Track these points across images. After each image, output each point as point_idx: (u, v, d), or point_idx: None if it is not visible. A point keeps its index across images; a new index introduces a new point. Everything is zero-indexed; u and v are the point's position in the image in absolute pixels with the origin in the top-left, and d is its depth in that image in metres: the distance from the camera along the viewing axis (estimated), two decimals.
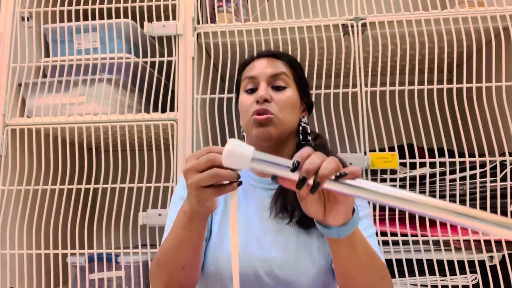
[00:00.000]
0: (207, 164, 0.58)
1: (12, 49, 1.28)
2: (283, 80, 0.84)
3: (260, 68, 0.85)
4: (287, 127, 0.83)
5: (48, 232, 1.19)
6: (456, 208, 0.48)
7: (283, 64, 0.86)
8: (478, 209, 1.04)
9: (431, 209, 0.49)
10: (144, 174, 1.19)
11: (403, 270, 1.10)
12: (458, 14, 1.17)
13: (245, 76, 0.86)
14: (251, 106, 0.82)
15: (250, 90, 0.85)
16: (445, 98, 1.15)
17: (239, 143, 0.55)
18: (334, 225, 0.60)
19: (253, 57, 0.90)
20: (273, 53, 0.89)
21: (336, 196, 0.57)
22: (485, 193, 1.08)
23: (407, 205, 0.50)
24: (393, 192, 0.51)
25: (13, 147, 1.23)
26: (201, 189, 0.59)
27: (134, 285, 1.15)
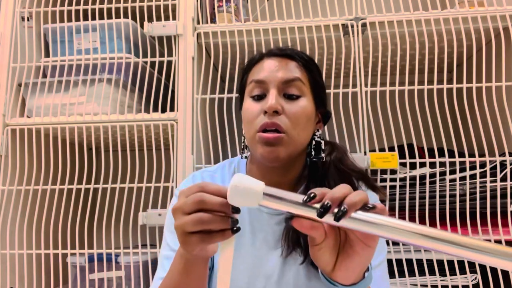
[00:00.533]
0: (194, 207, 0.48)
1: (12, 49, 1.28)
2: (298, 87, 0.71)
3: (270, 71, 0.72)
4: (299, 146, 0.72)
5: (48, 232, 1.19)
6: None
7: (297, 66, 0.73)
8: (479, 210, 1.03)
9: (485, 254, 0.41)
10: (144, 174, 1.19)
11: (403, 270, 1.10)
12: (458, 14, 1.17)
13: (252, 79, 0.74)
14: (257, 117, 0.70)
15: (257, 96, 0.72)
16: (445, 98, 1.15)
17: (247, 177, 0.48)
18: (342, 283, 0.51)
19: (262, 55, 0.77)
20: (286, 52, 0.75)
21: (353, 247, 0.48)
22: (485, 193, 1.08)
23: (458, 250, 0.41)
24: (441, 234, 0.42)
25: (13, 147, 1.23)
26: (186, 234, 0.49)
27: (134, 285, 1.15)
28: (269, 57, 0.75)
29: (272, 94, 0.70)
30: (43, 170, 1.21)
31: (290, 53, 0.75)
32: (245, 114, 0.74)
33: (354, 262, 0.49)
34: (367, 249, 0.48)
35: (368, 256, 0.49)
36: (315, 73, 0.76)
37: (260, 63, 0.75)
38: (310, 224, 0.47)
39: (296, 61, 0.74)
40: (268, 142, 0.68)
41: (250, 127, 0.72)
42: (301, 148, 0.73)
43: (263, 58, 0.76)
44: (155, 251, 1.16)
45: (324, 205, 0.44)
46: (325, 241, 0.49)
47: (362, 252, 0.48)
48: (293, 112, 0.70)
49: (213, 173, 0.83)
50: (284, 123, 0.69)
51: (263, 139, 0.68)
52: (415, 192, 1.10)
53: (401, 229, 0.43)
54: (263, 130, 0.69)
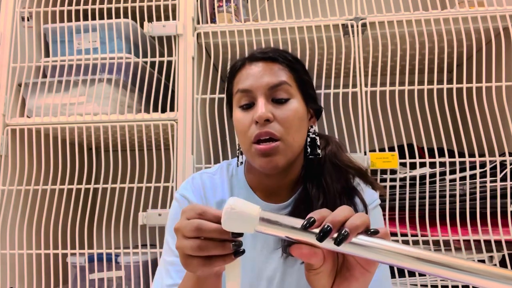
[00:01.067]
0: (192, 233, 0.47)
1: (12, 49, 1.28)
2: (285, 90, 0.69)
3: (255, 78, 0.69)
4: (295, 149, 0.70)
5: (48, 232, 1.19)
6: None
7: (281, 68, 0.71)
8: (479, 210, 1.03)
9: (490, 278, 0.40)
10: (144, 174, 1.19)
11: (403, 270, 1.10)
12: (458, 14, 1.17)
13: (238, 89, 0.71)
14: (249, 127, 0.68)
15: (245, 105, 0.70)
16: (445, 98, 1.15)
17: (241, 201, 0.46)
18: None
19: (244, 61, 0.74)
20: (268, 55, 0.72)
21: (351, 271, 0.47)
22: (485, 193, 1.08)
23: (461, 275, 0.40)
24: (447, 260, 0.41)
25: (13, 147, 1.23)
26: (187, 257, 0.48)
27: (134, 285, 1.15)
28: (251, 62, 0.73)
29: (261, 103, 0.68)
30: (43, 170, 1.21)
31: (273, 55, 0.72)
32: (237, 125, 0.72)
33: (351, 286, 0.47)
34: (366, 274, 0.47)
35: (366, 281, 0.47)
36: (300, 71, 0.74)
37: (244, 69, 0.73)
38: (309, 251, 0.45)
39: (280, 63, 0.71)
40: (265, 153, 0.67)
41: (244, 138, 0.70)
42: (299, 150, 0.72)
43: (246, 64, 0.73)
44: (155, 251, 1.16)
45: (324, 228, 0.42)
46: (323, 266, 0.47)
47: (361, 277, 0.47)
48: (285, 117, 0.68)
49: (213, 174, 0.83)
50: (277, 130, 0.67)
51: (259, 151, 0.67)
52: (415, 192, 1.10)
53: (404, 254, 0.41)
54: (257, 141, 0.67)
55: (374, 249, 0.42)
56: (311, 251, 0.44)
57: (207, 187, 0.80)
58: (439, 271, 0.41)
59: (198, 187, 0.79)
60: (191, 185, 0.80)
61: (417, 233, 1.09)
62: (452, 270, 0.40)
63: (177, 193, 0.80)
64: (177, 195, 0.79)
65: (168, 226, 0.77)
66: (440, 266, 0.41)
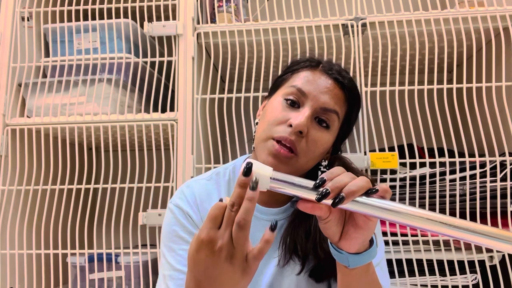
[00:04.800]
0: (238, 201, 0.50)
1: (12, 49, 1.28)
2: (331, 119, 0.69)
3: (317, 90, 0.68)
4: (301, 170, 0.70)
5: (48, 232, 1.19)
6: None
7: (343, 98, 0.71)
8: (479, 210, 1.04)
9: (472, 234, 0.47)
10: (144, 174, 1.19)
11: (403, 270, 1.10)
12: (458, 14, 1.17)
13: (296, 86, 0.70)
14: (280, 124, 0.67)
15: (291, 101, 0.69)
16: (445, 98, 1.15)
17: (257, 163, 0.52)
18: (347, 251, 0.55)
19: (317, 65, 0.73)
20: (339, 79, 0.71)
21: (356, 220, 0.53)
22: (485, 193, 1.08)
23: (442, 228, 0.48)
24: (430, 215, 0.48)
25: (13, 147, 1.23)
26: (242, 259, 0.49)
27: (134, 285, 1.15)
28: (323, 71, 0.72)
29: (306, 113, 0.67)
30: (43, 170, 1.21)
31: (342, 81, 0.71)
32: (269, 111, 0.70)
33: (356, 233, 0.54)
34: (368, 222, 0.53)
35: (369, 229, 0.54)
36: (354, 113, 0.74)
37: (312, 71, 0.72)
38: (313, 206, 0.51)
39: (344, 92, 0.71)
40: (278, 156, 0.66)
41: (267, 128, 0.68)
42: (302, 172, 0.72)
43: (318, 69, 0.72)
44: (155, 251, 1.16)
45: (322, 192, 0.49)
46: (331, 216, 0.53)
47: (364, 225, 0.53)
48: (316, 139, 0.68)
49: (207, 180, 0.81)
50: (301, 146, 0.67)
51: (274, 150, 0.66)
52: (415, 192, 1.10)
53: (390, 210, 0.49)
54: (278, 141, 0.67)
55: (366, 206, 0.50)
56: (315, 205, 0.51)
57: (201, 194, 0.78)
58: (427, 225, 0.49)
59: (191, 195, 0.78)
60: (183, 194, 0.78)
61: (417, 233, 1.09)
62: (436, 224, 0.48)
63: (170, 203, 0.78)
64: (171, 205, 0.78)
65: (164, 238, 0.74)
66: (429, 221, 0.48)
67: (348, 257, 0.56)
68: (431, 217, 0.48)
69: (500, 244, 0.46)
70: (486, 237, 0.46)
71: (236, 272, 0.49)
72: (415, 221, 0.49)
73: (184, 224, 0.74)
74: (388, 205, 0.49)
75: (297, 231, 0.71)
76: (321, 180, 0.50)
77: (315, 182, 0.50)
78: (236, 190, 0.50)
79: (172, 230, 0.73)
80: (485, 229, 0.47)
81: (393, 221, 0.49)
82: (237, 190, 0.50)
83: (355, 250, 0.55)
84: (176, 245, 0.72)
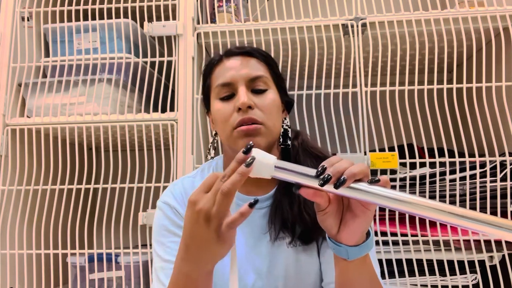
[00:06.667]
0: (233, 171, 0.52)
1: (12, 49, 1.28)
2: (263, 82, 0.74)
3: (234, 71, 0.74)
4: (275, 135, 0.75)
5: (48, 232, 1.19)
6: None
7: (258, 62, 0.76)
8: (479, 210, 1.05)
9: (470, 220, 0.48)
10: (144, 174, 1.19)
11: (403, 270, 1.10)
12: (458, 14, 1.17)
13: (217, 84, 0.75)
14: (231, 115, 0.72)
15: (226, 97, 0.74)
16: (445, 98, 1.15)
17: (260, 151, 0.54)
18: (345, 244, 0.57)
19: (221, 56, 0.78)
20: (245, 49, 0.77)
21: (355, 211, 0.55)
22: (485, 193, 1.08)
23: (442, 215, 0.49)
24: (430, 203, 0.50)
25: (13, 147, 1.23)
26: (220, 229, 0.51)
27: (134, 285, 1.15)
28: (228, 57, 0.77)
29: (242, 91, 0.72)
30: (43, 170, 1.21)
31: (250, 50, 0.77)
32: (217, 115, 0.75)
33: (355, 224, 0.55)
34: (366, 211, 0.54)
35: (367, 218, 0.55)
36: (274, 67, 0.79)
37: (221, 64, 0.77)
38: (314, 192, 0.53)
39: (256, 58, 0.77)
40: (248, 133, 0.70)
41: (225, 126, 0.73)
42: (277, 137, 0.76)
43: (223, 59, 0.78)
44: None
45: (325, 177, 0.51)
46: (329, 207, 0.55)
47: (362, 215, 0.54)
48: (265, 105, 0.73)
49: (193, 177, 0.84)
50: (258, 116, 0.71)
51: (242, 132, 0.70)
52: (415, 192, 1.10)
53: (391, 198, 0.50)
54: (240, 126, 0.71)
55: (367, 193, 0.51)
56: (316, 192, 0.53)
57: (187, 190, 0.80)
58: (423, 212, 0.50)
59: (179, 192, 0.80)
60: (172, 191, 0.80)
61: (417, 233, 1.09)
62: (435, 211, 0.49)
63: (159, 202, 0.80)
64: (159, 203, 0.80)
65: (154, 234, 0.77)
66: (426, 208, 0.50)
67: (348, 250, 0.57)
68: (431, 205, 0.50)
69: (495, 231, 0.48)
70: (485, 225, 0.48)
71: (211, 236, 0.52)
72: (416, 209, 0.50)
73: (172, 219, 0.76)
74: (390, 193, 0.50)
75: (282, 208, 0.75)
76: (322, 168, 0.52)
77: (317, 170, 0.52)
78: (232, 164, 0.53)
79: (161, 225, 0.76)
80: (485, 217, 0.48)
81: (395, 208, 0.51)
82: (233, 164, 0.53)
83: (354, 242, 0.57)
84: (165, 238, 0.74)
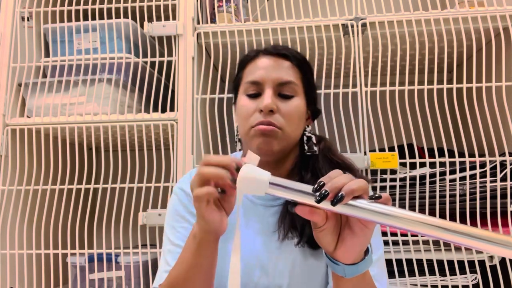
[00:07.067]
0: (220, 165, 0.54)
1: (12, 49, 1.28)
2: (291, 88, 0.74)
3: (265, 72, 0.74)
4: (291, 141, 0.75)
5: (48, 232, 1.19)
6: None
7: (291, 66, 0.76)
8: (479, 210, 1.04)
9: (472, 239, 0.45)
10: (144, 174, 1.19)
11: (403, 270, 1.10)
12: (458, 14, 1.17)
13: (247, 80, 0.76)
14: (252, 114, 0.73)
15: (252, 94, 0.75)
16: (445, 98, 1.15)
17: (254, 167, 0.52)
18: (342, 262, 0.55)
19: (258, 52, 0.78)
20: (280, 51, 0.76)
21: (353, 228, 0.52)
22: (485, 193, 1.08)
23: (446, 234, 0.46)
24: (433, 221, 0.46)
25: (13, 147, 1.23)
26: (203, 203, 0.55)
27: (134, 285, 1.15)
28: (264, 55, 0.77)
29: (268, 94, 0.72)
30: (43, 170, 1.21)
31: (285, 52, 0.76)
32: (240, 110, 0.76)
33: (353, 242, 0.53)
34: (365, 229, 0.52)
35: (366, 236, 0.53)
36: (307, 73, 0.78)
37: (255, 60, 0.77)
38: (311, 210, 0.51)
39: (291, 61, 0.76)
40: (264, 133, 0.71)
41: (245, 123, 0.74)
42: (294, 143, 0.76)
43: (259, 56, 0.78)
44: (155, 251, 1.16)
45: (322, 193, 0.48)
46: (327, 224, 0.53)
47: (361, 233, 0.52)
48: (287, 111, 0.73)
49: None
50: (278, 121, 0.71)
51: (259, 131, 0.71)
52: (415, 192, 1.10)
53: (392, 215, 0.47)
54: (258, 125, 0.72)
55: (366, 211, 0.48)
56: (312, 210, 0.51)
57: None
58: (426, 230, 0.46)
59: None
60: (188, 178, 0.83)
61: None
62: (435, 229, 0.46)
63: (176, 187, 0.83)
64: (176, 188, 0.82)
65: (167, 218, 0.79)
66: (429, 226, 0.46)
67: (345, 268, 0.55)
68: (434, 223, 0.46)
69: (501, 249, 0.45)
70: (487, 242, 0.45)
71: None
72: (421, 228, 0.47)
73: (185, 205, 0.78)
74: (392, 211, 0.47)
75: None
76: (319, 184, 0.50)
77: (314, 186, 0.50)
78: (227, 160, 0.54)
79: (175, 210, 0.78)
80: (486, 234, 0.45)
81: (398, 227, 0.48)
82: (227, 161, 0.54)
83: (351, 261, 0.55)
84: (177, 223, 0.76)
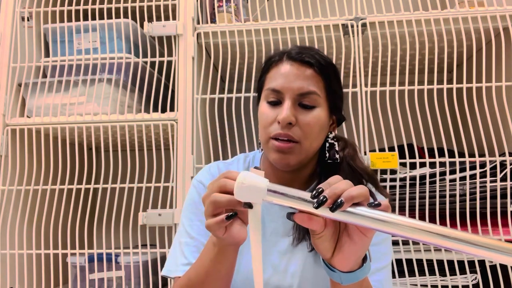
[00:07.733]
0: (218, 191, 0.53)
1: (12, 49, 1.28)
2: (313, 99, 0.71)
3: (287, 80, 0.71)
4: (310, 154, 0.74)
5: (48, 232, 1.19)
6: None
7: (314, 75, 0.72)
8: (479, 210, 1.03)
9: (473, 246, 0.45)
10: (144, 174, 1.19)
11: (403, 270, 1.10)
12: (458, 14, 1.17)
13: (268, 87, 0.73)
14: (271, 124, 0.71)
15: (272, 102, 0.73)
16: (445, 98, 1.15)
17: (252, 174, 0.51)
18: (339, 270, 0.54)
19: (282, 57, 0.75)
20: (304, 59, 0.72)
21: (351, 235, 0.52)
22: (485, 193, 1.08)
23: (446, 242, 0.45)
24: (441, 230, 0.46)
25: (13, 147, 1.23)
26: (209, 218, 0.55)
27: (134, 285, 1.15)
28: (287, 60, 0.74)
29: (287, 105, 0.70)
30: (43, 170, 1.21)
31: (309, 60, 0.72)
32: (260, 117, 0.75)
33: (351, 249, 0.52)
34: (363, 238, 0.51)
35: (364, 245, 0.52)
36: (332, 80, 0.74)
37: (279, 66, 0.74)
38: (309, 217, 0.50)
39: (314, 69, 0.72)
40: (281, 150, 0.70)
41: (264, 132, 0.73)
42: (313, 154, 0.75)
43: (282, 60, 0.74)
44: (155, 251, 1.16)
45: (320, 199, 0.47)
46: (325, 231, 0.52)
47: (359, 241, 0.52)
48: (307, 123, 0.70)
49: (229, 165, 0.86)
50: (296, 134, 0.70)
51: (275, 147, 0.70)
52: (415, 192, 1.10)
53: (392, 223, 0.46)
54: (275, 138, 0.70)
55: (366, 218, 0.47)
56: (311, 217, 0.50)
57: None
58: (427, 238, 0.46)
59: (214, 174, 0.83)
60: (208, 171, 0.84)
61: None
62: (437, 237, 0.45)
63: (194, 179, 0.84)
64: (195, 181, 0.83)
65: (185, 210, 0.81)
66: (418, 231, 0.45)
67: (341, 276, 0.55)
68: (434, 230, 0.46)
69: (502, 256, 0.44)
70: (488, 250, 0.45)
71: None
72: (418, 235, 0.46)
73: None
74: (393, 219, 0.46)
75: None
76: (318, 191, 0.49)
77: (312, 193, 0.49)
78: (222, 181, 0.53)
79: (193, 202, 0.80)
80: (486, 241, 0.45)
81: (399, 235, 0.46)
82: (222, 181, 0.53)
83: (349, 268, 0.54)
84: (195, 216, 0.77)
